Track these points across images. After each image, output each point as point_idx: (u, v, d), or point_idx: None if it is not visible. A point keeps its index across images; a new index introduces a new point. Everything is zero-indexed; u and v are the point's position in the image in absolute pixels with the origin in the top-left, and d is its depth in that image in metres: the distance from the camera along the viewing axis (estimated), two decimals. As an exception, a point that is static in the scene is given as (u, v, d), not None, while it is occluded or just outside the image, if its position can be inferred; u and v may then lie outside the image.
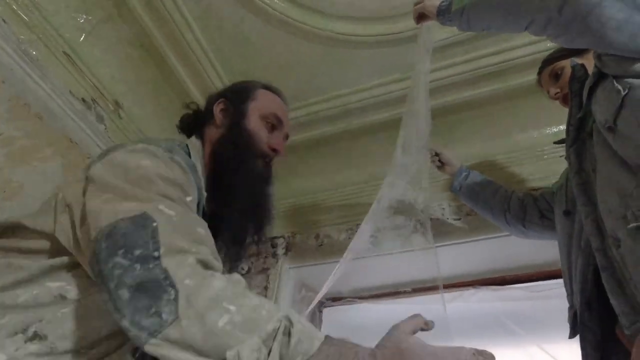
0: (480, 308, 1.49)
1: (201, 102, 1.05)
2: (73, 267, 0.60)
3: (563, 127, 1.03)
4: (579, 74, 0.90)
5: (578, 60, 0.93)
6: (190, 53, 1.48)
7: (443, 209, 1.53)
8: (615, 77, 0.69)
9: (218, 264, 0.57)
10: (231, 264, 0.75)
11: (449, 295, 1.54)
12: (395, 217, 1.22)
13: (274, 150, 0.89)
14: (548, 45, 1.24)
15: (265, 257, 1.72)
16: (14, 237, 0.64)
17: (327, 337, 0.51)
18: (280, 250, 1.73)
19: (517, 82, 1.41)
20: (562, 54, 1.02)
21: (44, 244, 0.62)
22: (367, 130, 1.63)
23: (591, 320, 0.79)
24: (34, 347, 0.54)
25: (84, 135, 1.34)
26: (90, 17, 1.33)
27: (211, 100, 0.94)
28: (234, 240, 0.81)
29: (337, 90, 1.54)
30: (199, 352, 0.46)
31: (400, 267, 1.59)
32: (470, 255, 1.48)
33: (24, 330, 0.55)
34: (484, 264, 1.52)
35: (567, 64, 0.99)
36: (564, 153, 0.94)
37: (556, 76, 1.04)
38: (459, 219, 1.45)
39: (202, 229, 0.59)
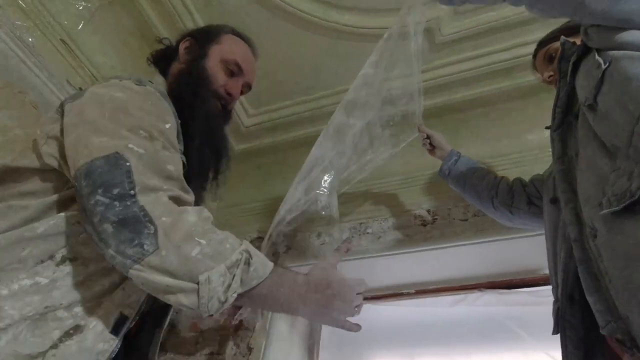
0: (485, 312, 1.44)
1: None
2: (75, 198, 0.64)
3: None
4: (568, 52, 0.79)
5: (571, 40, 0.83)
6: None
7: (449, 209, 1.49)
8: (598, 50, 0.62)
9: (188, 196, 0.66)
10: (197, 195, 0.77)
11: (453, 298, 1.50)
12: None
13: (229, 94, 0.89)
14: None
15: (265, 255, 1.68)
16: (6, 184, 0.66)
17: (275, 266, 0.63)
18: (280, 248, 1.69)
19: (528, 79, 1.37)
20: (557, 35, 0.94)
21: (38, 184, 0.65)
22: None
23: (573, 315, 0.72)
24: (67, 268, 0.61)
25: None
26: (89, 5, 1.30)
27: (180, 39, 0.96)
28: (196, 172, 0.83)
29: (344, 84, 1.50)
30: (174, 275, 0.54)
31: (404, 268, 1.55)
32: (476, 257, 1.43)
33: (51, 257, 0.61)
34: (490, 267, 1.47)
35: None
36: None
37: (550, 59, 0.96)
38: (466, 220, 1.40)
39: (172, 165, 0.64)
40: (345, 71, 1.46)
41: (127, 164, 0.58)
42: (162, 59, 0.94)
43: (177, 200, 0.62)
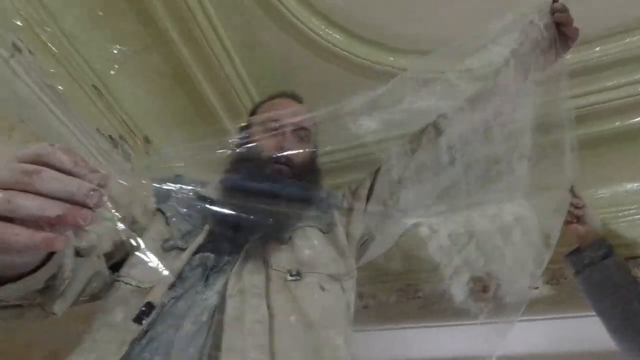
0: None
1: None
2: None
3: None
4: None
5: None
6: (229, 85, 1.34)
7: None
8: None
9: None
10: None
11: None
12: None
13: (280, 149, 0.85)
14: None
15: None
16: None
17: None
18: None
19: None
20: None
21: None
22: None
23: None
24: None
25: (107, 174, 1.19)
26: (124, 48, 1.21)
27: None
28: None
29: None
30: None
31: (454, 340, 1.33)
32: (554, 333, 1.21)
33: None
34: (570, 345, 1.24)
35: None
36: None
37: None
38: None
39: None
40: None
41: None
42: None
43: None
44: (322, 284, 0.70)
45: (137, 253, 0.70)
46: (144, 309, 0.61)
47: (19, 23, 0.96)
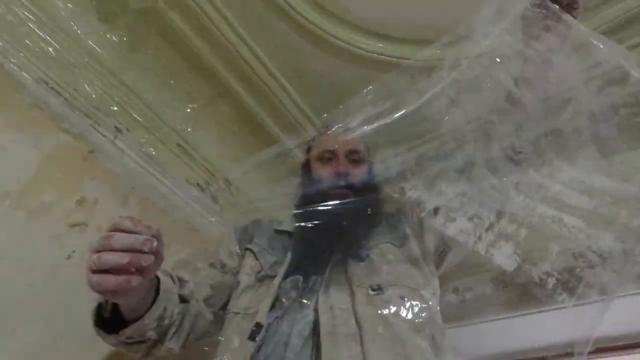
0: None
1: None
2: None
3: None
4: None
5: None
6: (289, 116, 1.44)
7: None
8: None
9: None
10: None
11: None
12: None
13: (338, 175, 0.93)
14: None
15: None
16: None
17: None
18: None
19: None
20: None
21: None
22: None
23: None
24: None
25: (202, 219, 1.35)
26: (195, 105, 1.37)
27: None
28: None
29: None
30: None
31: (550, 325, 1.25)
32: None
33: None
34: None
35: None
36: None
37: None
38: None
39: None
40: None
41: None
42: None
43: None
44: (402, 295, 0.76)
45: (238, 288, 0.85)
46: (254, 328, 0.72)
47: (114, 108, 1.15)
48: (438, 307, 0.81)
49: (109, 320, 0.66)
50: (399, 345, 0.68)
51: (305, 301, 0.76)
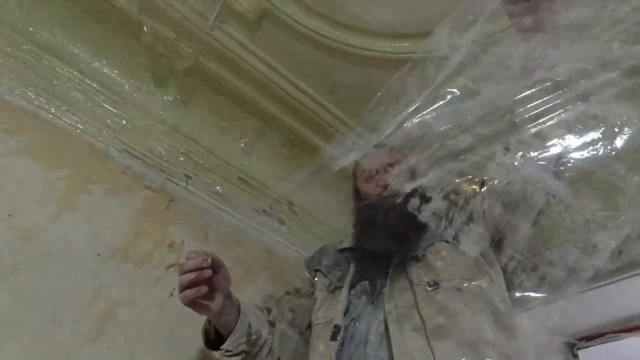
0: None
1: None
2: None
3: None
4: None
5: None
6: (332, 130, 1.50)
7: None
8: None
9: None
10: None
11: None
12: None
13: (381, 188, 0.99)
14: None
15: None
16: None
17: None
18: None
19: None
20: None
21: None
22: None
23: None
24: None
25: (273, 241, 1.45)
26: (246, 139, 1.50)
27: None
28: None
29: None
30: None
31: None
32: None
33: None
34: None
35: None
36: None
37: None
38: None
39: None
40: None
41: None
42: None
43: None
44: (457, 287, 0.82)
45: (316, 304, 0.99)
46: (334, 330, 0.85)
47: (181, 158, 1.31)
48: (500, 294, 0.85)
49: (214, 340, 0.85)
50: (460, 333, 0.74)
51: (375, 303, 0.87)
